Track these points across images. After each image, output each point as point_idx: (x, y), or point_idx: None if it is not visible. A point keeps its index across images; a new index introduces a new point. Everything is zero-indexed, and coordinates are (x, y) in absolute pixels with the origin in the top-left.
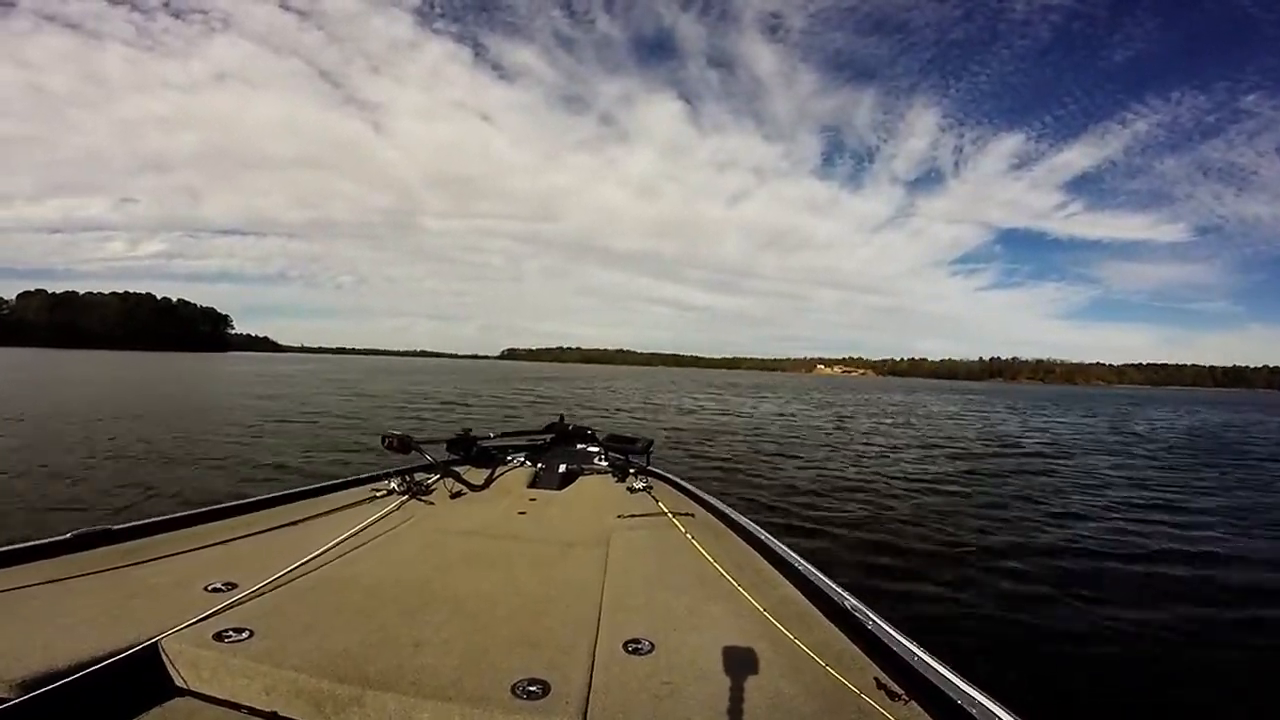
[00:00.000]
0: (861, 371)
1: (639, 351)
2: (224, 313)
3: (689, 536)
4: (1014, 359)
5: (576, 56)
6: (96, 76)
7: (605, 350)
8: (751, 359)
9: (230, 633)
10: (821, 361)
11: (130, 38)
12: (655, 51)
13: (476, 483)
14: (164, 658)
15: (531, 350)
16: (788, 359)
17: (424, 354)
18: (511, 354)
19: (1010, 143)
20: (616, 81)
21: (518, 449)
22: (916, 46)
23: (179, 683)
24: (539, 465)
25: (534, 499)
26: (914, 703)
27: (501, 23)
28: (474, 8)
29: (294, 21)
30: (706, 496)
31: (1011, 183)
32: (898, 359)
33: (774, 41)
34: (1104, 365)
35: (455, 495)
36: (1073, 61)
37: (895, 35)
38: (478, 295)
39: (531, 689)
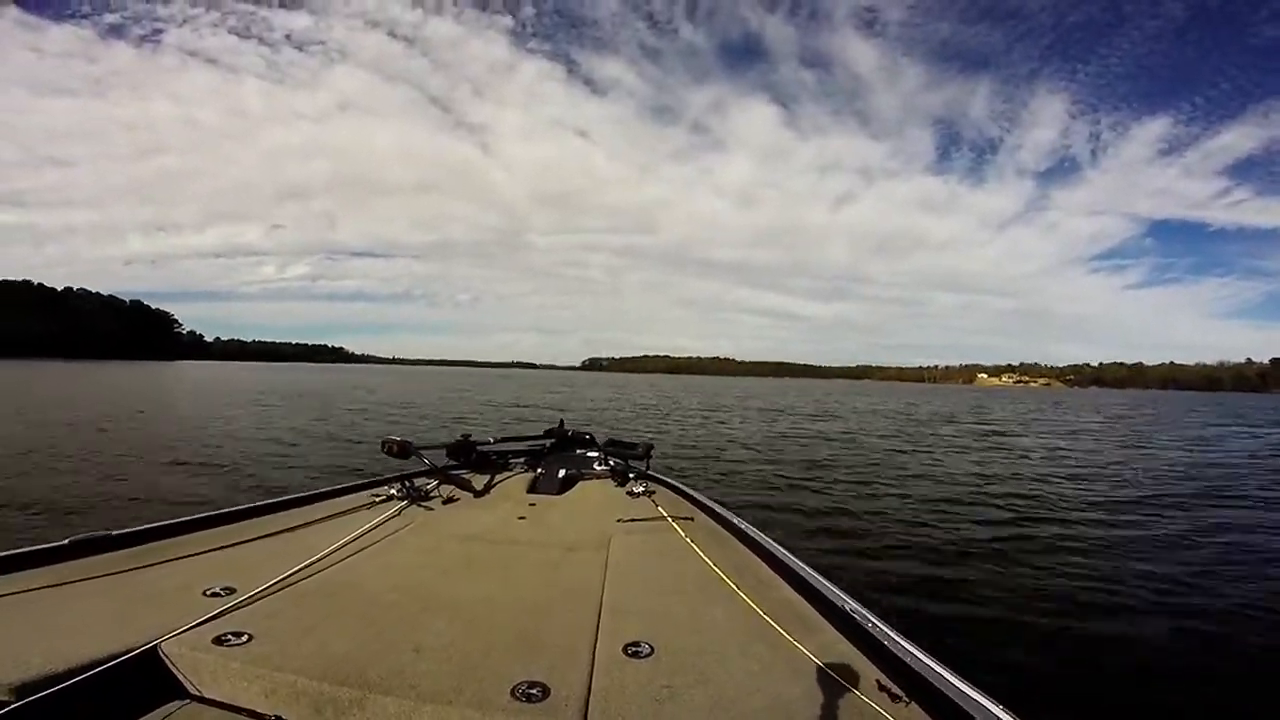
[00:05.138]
0: (1045, 381)
1: (741, 360)
2: (160, 309)
3: (689, 540)
4: None
5: (663, 67)
6: (239, 109)
7: (699, 359)
8: (883, 368)
9: (230, 636)
10: (982, 370)
11: (262, 70)
12: (744, 56)
13: (476, 488)
14: (164, 661)
15: (615, 359)
16: (933, 368)
17: (518, 365)
18: (594, 364)
19: (1155, 127)
20: (706, 89)
21: (517, 454)
22: (1033, 32)
23: (179, 686)
24: (538, 470)
25: (534, 504)
26: (915, 705)
27: (589, 38)
28: (562, 25)
29: (401, 49)
30: (706, 501)
31: (1161, 170)
32: (1093, 365)
33: (871, 36)
34: None
35: (455, 500)
36: (1217, 39)
37: (1007, 21)
38: (579, 309)
39: (531, 692)
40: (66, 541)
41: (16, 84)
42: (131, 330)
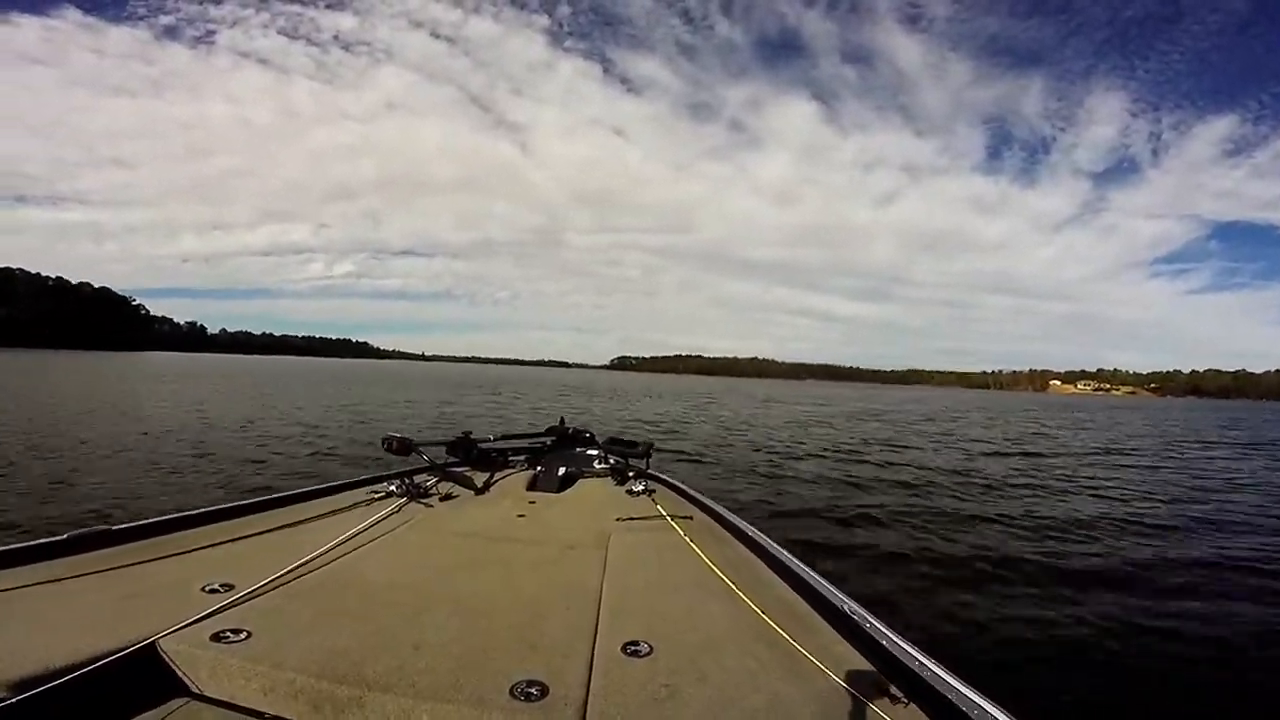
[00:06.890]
0: (1128, 390)
1: (781, 362)
2: (122, 294)
3: (688, 539)
4: None
5: (699, 64)
6: (290, 109)
7: (735, 360)
8: (937, 373)
9: (228, 633)
10: (1054, 376)
11: (311, 71)
12: (782, 52)
13: (476, 485)
14: (162, 658)
15: (645, 359)
16: (998, 373)
17: (551, 363)
18: (622, 363)
19: (1221, 126)
20: (742, 86)
21: (517, 451)
22: (1086, 26)
23: (177, 683)
24: (538, 468)
25: (533, 501)
26: (914, 706)
27: (625, 36)
28: (598, 23)
29: (444, 49)
30: (706, 500)
31: (1227, 170)
32: (1185, 371)
33: (916, 32)
34: None
35: (454, 498)
36: None
37: (1059, 16)
38: (616, 308)
39: (530, 691)
40: (65, 536)
41: (80, 84)
42: (89, 317)
